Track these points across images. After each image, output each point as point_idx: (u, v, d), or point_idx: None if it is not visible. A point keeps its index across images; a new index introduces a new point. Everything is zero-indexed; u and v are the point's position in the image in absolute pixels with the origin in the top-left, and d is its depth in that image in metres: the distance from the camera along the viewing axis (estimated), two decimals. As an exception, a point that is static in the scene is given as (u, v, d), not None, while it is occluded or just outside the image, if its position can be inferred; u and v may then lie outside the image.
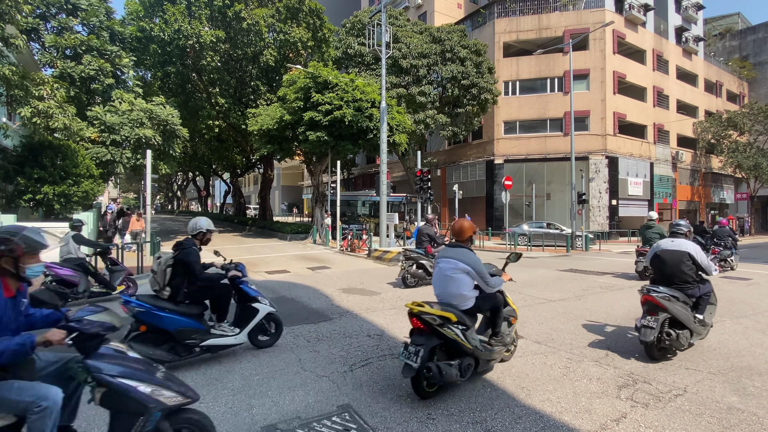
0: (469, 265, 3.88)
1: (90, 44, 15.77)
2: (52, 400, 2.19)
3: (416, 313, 3.65)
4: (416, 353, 3.46)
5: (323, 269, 12.03)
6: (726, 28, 43.99)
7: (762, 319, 6.48)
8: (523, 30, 28.13)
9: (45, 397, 2.18)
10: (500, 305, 4.13)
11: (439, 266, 4.04)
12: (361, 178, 41.82)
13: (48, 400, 2.18)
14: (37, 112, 11.37)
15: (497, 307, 4.09)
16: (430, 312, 3.62)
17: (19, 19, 11.10)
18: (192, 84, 24.38)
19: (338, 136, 19.09)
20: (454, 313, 3.69)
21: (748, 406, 3.54)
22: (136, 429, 2.29)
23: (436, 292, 4.06)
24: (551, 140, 27.08)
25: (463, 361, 3.67)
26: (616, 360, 4.61)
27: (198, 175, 56.36)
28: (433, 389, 3.66)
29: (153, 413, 2.31)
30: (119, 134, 15.49)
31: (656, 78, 30.33)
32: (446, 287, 3.94)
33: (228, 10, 20.80)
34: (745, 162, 31.01)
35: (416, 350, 3.48)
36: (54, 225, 11.62)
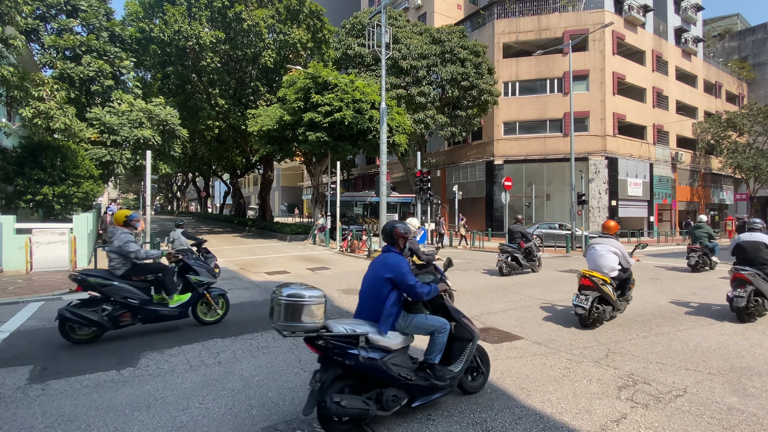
0: (617, 249, 6.15)
1: (89, 45, 15.78)
2: (448, 325, 3.53)
3: (588, 276, 5.93)
4: (586, 301, 5.72)
5: (323, 270, 12.02)
6: (725, 29, 44.05)
7: (762, 319, 6.48)
8: (522, 31, 28.16)
9: (445, 324, 3.50)
10: (631, 275, 6.39)
11: (595, 248, 6.28)
12: (361, 178, 41.83)
13: (447, 325, 3.50)
14: (38, 112, 11.37)
15: (629, 278, 6.34)
16: (596, 275, 5.91)
17: (18, 20, 11.11)
18: (192, 85, 24.39)
19: (338, 136, 19.10)
20: (610, 278, 5.98)
21: (748, 406, 3.54)
22: (468, 351, 3.58)
23: (590, 266, 6.23)
24: (551, 141, 27.09)
25: (612, 306, 6.05)
26: (616, 361, 4.61)
27: (198, 176, 56.36)
28: (592, 324, 5.84)
29: (476, 341, 3.66)
30: (119, 135, 15.50)
31: (656, 79, 30.37)
32: (599, 262, 6.13)
33: (228, 11, 20.83)
34: (745, 163, 31.04)
35: (586, 298, 5.74)
36: (55, 226, 11.62)
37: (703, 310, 7.05)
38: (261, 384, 3.98)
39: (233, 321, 6.30)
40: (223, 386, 3.94)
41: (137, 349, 5.01)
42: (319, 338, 3.02)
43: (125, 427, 3.19)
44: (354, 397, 2.96)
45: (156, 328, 5.98)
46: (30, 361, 4.59)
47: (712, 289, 9.13)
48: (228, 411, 3.45)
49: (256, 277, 10.68)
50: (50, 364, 4.50)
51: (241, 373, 4.24)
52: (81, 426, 3.20)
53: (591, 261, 6.27)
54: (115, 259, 5.38)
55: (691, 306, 7.41)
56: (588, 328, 5.79)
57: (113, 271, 5.36)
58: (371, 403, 2.95)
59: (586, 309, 5.68)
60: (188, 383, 4.00)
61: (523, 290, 8.83)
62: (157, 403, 3.59)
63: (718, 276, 11.04)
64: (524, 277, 10.75)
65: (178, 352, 4.90)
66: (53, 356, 4.77)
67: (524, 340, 5.36)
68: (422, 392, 3.24)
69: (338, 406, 2.82)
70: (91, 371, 4.30)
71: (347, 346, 3.02)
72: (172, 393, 3.79)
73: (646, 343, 5.23)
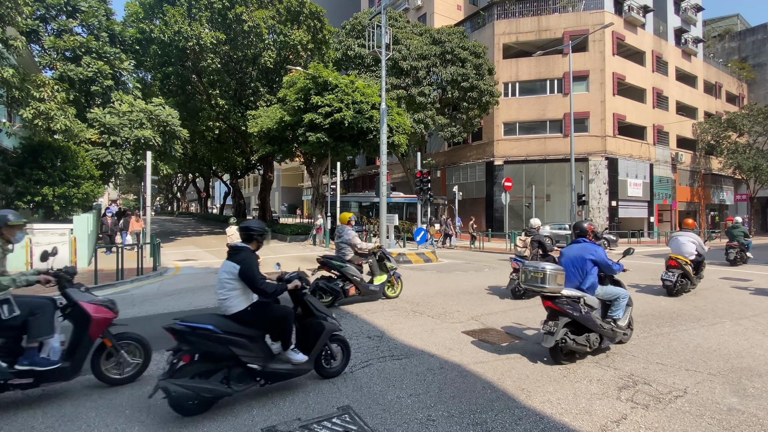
0: (695, 240, 8.61)
1: (89, 46, 15.79)
2: (628, 293, 5.02)
3: (674, 258, 8.31)
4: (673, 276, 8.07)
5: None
6: (725, 30, 44.06)
7: (762, 320, 6.48)
8: (522, 31, 28.18)
9: (626, 292, 5.00)
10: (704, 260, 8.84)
11: (678, 239, 8.72)
12: (361, 179, 41.84)
13: (627, 293, 5.02)
14: (38, 113, 11.38)
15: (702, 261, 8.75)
16: (680, 258, 8.29)
17: (19, 20, 11.12)
18: (192, 85, 24.41)
19: (338, 137, 19.11)
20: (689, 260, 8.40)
21: (749, 407, 3.54)
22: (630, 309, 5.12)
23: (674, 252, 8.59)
24: (551, 141, 27.10)
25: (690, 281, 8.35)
26: (616, 361, 4.61)
27: (198, 177, 56.40)
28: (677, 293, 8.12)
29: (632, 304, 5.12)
30: (119, 135, 15.50)
31: (656, 79, 30.38)
32: (681, 249, 8.52)
33: (228, 12, 20.85)
34: (745, 163, 31.04)
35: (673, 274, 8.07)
36: (55, 226, 11.63)
37: (702, 309, 7.05)
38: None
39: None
40: (224, 387, 3.92)
41: (137, 349, 5.01)
42: (558, 297, 4.48)
43: (126, 427, 3.19)
44: (575, 337, 4.45)
45: (156, 328, 5.98)
46: (30, 362, 4.58)
47: (712, 289, 9.13)
48: (228, 411, 3.45)
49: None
50: (50, 365, 4.49)
51: (241, 374, 4.23)
52: (81, 426, 3.21)
53: (675, 248, 8.71)
54: (344, 248, 7.56)
55: (692, 306, 7.42)
56: (673, 296, 8.07)
57: (343, 258, 7.48)
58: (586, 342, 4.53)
59: (673, 282, 8.09)
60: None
61: (523, 291, 8.82)
62: (158, 403, 3.59)
63: (718, 276, 11.05)
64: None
65: (178, 352, 4.89)
66: (53, 357, 4.76)
67: (524, 341, 5.36)
68: (605, 336, 4.77)
69: (563, 343, 4.40)
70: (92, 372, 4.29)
71: (575, 304, 4.51)
72: (172, 393, 3.78)
73: (646, 344, 5.23)
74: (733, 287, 9.37)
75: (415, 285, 9.53)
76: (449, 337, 5.47)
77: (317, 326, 3.95)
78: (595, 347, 4.61)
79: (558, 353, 4.46)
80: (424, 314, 6.76)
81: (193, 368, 3.38)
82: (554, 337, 4.31)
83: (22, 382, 3.48)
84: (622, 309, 4.93)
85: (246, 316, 3.64)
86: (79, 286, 4.02)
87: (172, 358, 3.33)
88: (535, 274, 4.51)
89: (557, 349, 4.43)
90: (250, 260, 3.68)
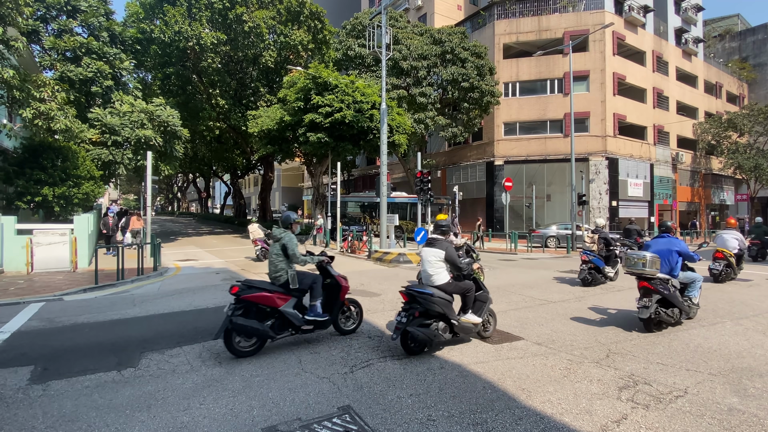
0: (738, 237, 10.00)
1: (89, 47, 15.80)
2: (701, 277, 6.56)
3: (721, 251, 9.75)
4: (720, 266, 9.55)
5: (323, 271, 12.00)
6: (725, 30, 44.03)
7: (762, 320, 6.48)
8: (522, 31, 28.17)
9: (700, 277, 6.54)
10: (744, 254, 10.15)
11: (723, 236, 10.16)
12: (362, 179, 41.83)
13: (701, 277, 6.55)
14: (39, 113, 11.39)
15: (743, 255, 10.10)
16: (726, 251, 9.75)
17: (19, 21, 11.13)
18: (192, 85, 24.43)
19: (338, 137, 19.10)
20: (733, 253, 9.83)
21: (749, 407, 3.54)
22: None
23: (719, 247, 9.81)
24: (551, 141, 27.09)
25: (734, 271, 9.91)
26: (616, 361, 4.61)
27: (198, 177, 56.42)
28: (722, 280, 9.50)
29: None
30: (120, 135, 15.51)
31: (656, 79, 30.36)
32: (727, 245, 9.87)
33: (229, 12, 20.86)
34: (745, 163, 31.01)
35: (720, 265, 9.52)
36: (56, 227, 11.63)
37: (702, 309, 7.05)
38: (261, 384, 3.98)
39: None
40: (224, 386, 3.94)
41: (138, 349, 5.02)
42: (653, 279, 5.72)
43: (126, 427, 3.20)
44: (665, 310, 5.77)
45: (155, 328, 5.99)
46: (31, 362, 4.59)
47: (712, 289, 9.12)
48: (228, 411, 3.45)
49: (256, 278, 10.67)
50: (51, 365, 4.50)
51: (241, 374, 4.24)
52: (82, 426, 3.21)
53: (720, 243, 10.19)
54: None
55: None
56: (719, 283, 9.16)
57: None
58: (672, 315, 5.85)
59: (719, 270, 9.59)
60: (189, 384, 4.01)
61: (523, 291, 8.83)
62: (158, 403, 3.59)
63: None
64: (525, 278, 10.75)
65: (178, 352, 4.91)
66: (54, 357, 4.77)
67: (525, 341, 5.36)
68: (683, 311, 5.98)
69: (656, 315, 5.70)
70: (92, 372, 4.30)
71: (665, 284, 5.77)
72: (172, 393, 3.79)
73: (647, 344, 5.23)
74: (733, 288, 9.37)
75: (416, 285, 9.52)
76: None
77: None
78: (676, 320, 5.84)
79: (650, 323, 5.68)
80: (425, 314, 6.75)
81: (416, 321, 4.73)
82: (649, 311, 5.57)
83: (307, 328, 5.07)
84: (696, 290, 6.42)
85: (447, 286, 4.99)
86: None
87: (406, 314, 4.76)
88: (637, 260, 5.74)
89: (650, 320, 5.65)
90: (451, 247, 5.08)
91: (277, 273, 5.07)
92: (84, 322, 6.40)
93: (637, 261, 5.75)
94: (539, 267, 13.18)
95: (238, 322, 4.56)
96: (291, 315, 4.90)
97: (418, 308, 4.78)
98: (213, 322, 6.33)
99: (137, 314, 6.89)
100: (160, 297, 8.36)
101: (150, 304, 7.71)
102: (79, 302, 7.85)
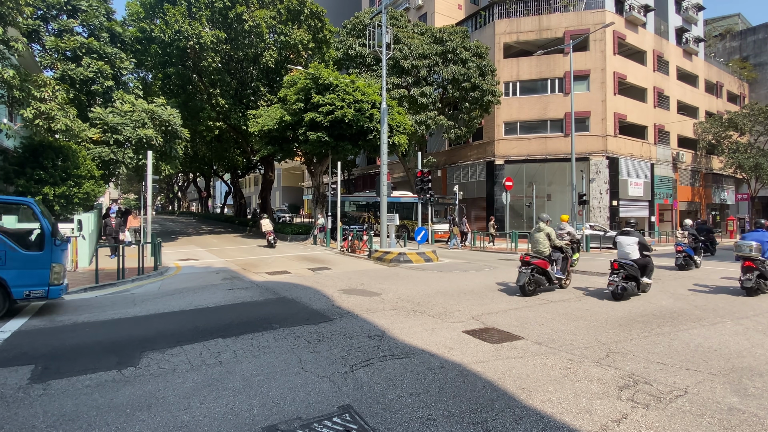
0: None
1: (90, 46, 15.80)
2: None
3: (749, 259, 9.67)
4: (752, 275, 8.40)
5: (324, 270, 12.03)
6: (726, 29, 43.97)
7: (763, 320, 6.48)
8: (523, 31, 28.14)
9: None
10: None
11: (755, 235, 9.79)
12: (362, 178, 41.83)
13: None
14: (39, 113, 11.39)
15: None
16: None
17: (20, 21, 11.12)
18: (192, 85, 24.43)
19: (339, 136, 19.10)
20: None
21: (749, 406, 3.54)
22: None
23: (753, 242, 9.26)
24: (552, 141, 27.07)
25: None
26: (617, 361, 4.61)
27: (199, 176, 56.42)
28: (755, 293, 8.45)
29: None
30: (121, 134, 15.52)
31: (657, 79, 30.33)
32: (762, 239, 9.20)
33: (229, 11, 20.85)
34: (746, 163, 30.99)
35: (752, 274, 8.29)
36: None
37: (702, 309, 7.05)
38: (262, 384, 3.99)
39: (234, 321, 6.32)
40: (224, 386, 3.94)
41: (138, 348, 5.03)
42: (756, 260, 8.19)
43: (126, 426, 3.20)
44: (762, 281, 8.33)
45: (156, 327, 6.00)
46: (31, 361, 4.60)
47: (713, 289, 9.12)
48: (229, 411, 3.45)
49: (256, 277, 10.70)
50: (51, 364, 4.51)
51: (242, 373, 4.25)
52: (82, 426, 3.21)
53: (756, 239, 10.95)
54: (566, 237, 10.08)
55: (691, 305, 7.41)
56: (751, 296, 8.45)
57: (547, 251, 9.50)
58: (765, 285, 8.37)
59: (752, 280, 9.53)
60: (189, 383, 4.01)
61: (523, 290, 8.82)
62: (158, 402, 3.60)
63: (719, 276, 11.04)
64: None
65: (179, 351, 4.91)
66: (54, 356, 4.78)
67: (525, 340, 5.36)
68: None
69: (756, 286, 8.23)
70: (93, 371, 4.31)
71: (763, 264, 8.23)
72: (173, 393, 3.79)
73: (647, 343, 5.23)
74: (733, 287, 9.36)
75: (416, 284, 9.54)
76: (450, 337, 5.48)
77: None
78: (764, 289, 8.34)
79: (752, 291, 8.18)
80: (425, 314, 6.76)
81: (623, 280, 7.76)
82: (751, 282, 8.13)
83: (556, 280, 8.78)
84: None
85: (638, 260, 7.97)
86: None
87: (617, 276, 7.72)
88: (746, 247, 8.28)
89: (751, 288, 8.17)
90: (642, 236, 8.12)
91: (543, 249, 8.44)
92: (84, 321, 6.41)
93: (746, 248, 8.28)
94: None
95: (536, 274, 8.21)
96: (553, 273, 8.53)
97: (623, 272, 7.73)
98: (214, 321, 6.34)
99: (138, 313, 6.89)
100: (160, 296, 8.37)
101: (150, 303, 7.72)
102: (79, 301, 7.86)
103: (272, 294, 8.44)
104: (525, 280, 8.06)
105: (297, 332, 5.68)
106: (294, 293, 8.50)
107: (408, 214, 23.88)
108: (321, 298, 8.03)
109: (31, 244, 6.75)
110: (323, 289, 8.95)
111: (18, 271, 6.29)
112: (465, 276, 10.98)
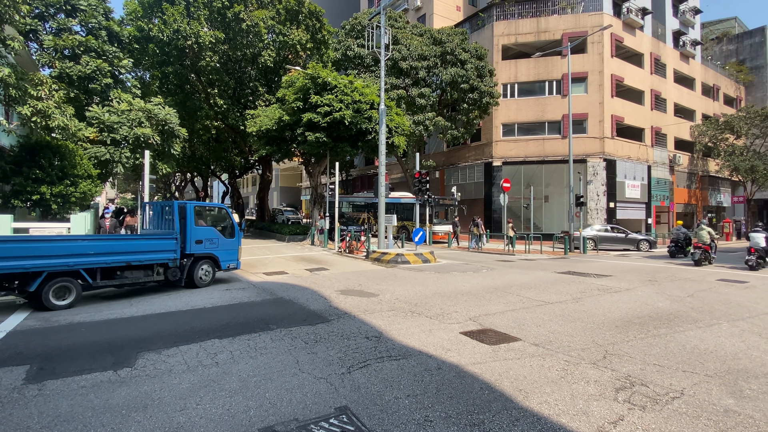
0: None
1: (88, 45, 15.75)
2: None
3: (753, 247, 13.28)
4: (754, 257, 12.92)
5: (321, 271, 12.02)
6: (723, 32, 44.20)
7: (759, 321, 6.51)
8: (521, 33, 28.21)
9: None
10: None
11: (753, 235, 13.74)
12: (360, 179, 41.81)
13: None
14: (36, 111, 11.33)
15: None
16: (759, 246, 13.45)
17: (17, 19, 11.06)
18: (190, 84, 24.36)
19: (337, 137, 19.09)
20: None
21: (745, 408, 3.55)
22: None
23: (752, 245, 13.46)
24: (549, 143, 27.14)
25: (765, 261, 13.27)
26: (613, 362, 4.62)
27: (196, 176, 56.22)
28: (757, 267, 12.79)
29: None
30: (118, 133, 15.46)
31: (654, 81, 30.46)
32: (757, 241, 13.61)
33: (227, 11, 20.81)
34: (742, 165, 31.15)
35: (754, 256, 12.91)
36: (52, 225, 11.58)
37: (699, 311, 7.07)
38: (258, 385, 3.98)
39: (231, 321, 6.30)
40: (221, 387, 3.93)
41: (134, 349, 5.00)
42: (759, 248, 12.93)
43: (122, 427, 3.18)
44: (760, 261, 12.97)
45: (152, 327, 5.98)
46: (27, 361, 4.57)
47: (709, 291, 9.16)
48: (225, 412, 3.44)
49: (254, 278, 10.67)
50: (47, 365, 4.48)
51: (238, 374, 4.23)
52: (78, 426, 3.20)
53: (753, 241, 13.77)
54: None
55: (689, 307, 7.44)
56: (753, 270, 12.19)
57: None
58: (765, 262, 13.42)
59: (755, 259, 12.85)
60: (185, 384, 3.99)
61: (521, 292, 8.84)
62: (154, 403, 3.58)
63: (715, 278, 11.08)
64: (522, 279, 10.77)
65: (175, 352, 4.89)
66: (50, 356, 4.75)
67: (522, 342, 5.37)
68: None
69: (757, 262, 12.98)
70: (88, 371, 4.28)
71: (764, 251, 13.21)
72: (169, 393, 3.78)
73: (644, 345, 5.24)
74: (729, 289, 9.40)
75: (414, 285, 9.54)
76: (447, 338, 5.47)
77: None
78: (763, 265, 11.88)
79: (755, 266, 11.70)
80: (422, 315, 6.76)
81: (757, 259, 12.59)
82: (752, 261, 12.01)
83: None
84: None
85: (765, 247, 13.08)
86: None
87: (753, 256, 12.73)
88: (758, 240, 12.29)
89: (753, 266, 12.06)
90: None
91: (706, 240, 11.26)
92: (80, 321, 6.37)
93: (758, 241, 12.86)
94: (537, 268, 13.20)
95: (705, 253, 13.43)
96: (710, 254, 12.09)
97: (756, 255, 11.97)
98: (210, 321, 6.32)
99: (134, 314, 6.86)
100: (156, 296, 8.34)
101: (146, 303, 7.69)
102: (75, 301, 7.81)
103: (269, 294, 8.42)
104: (699, 256, 13.77)
105: (294, 333, 5.67)
106: (291, 294, 8.48)
107: (407, 216, 23.89)
108: (318, 298, 8.02)
109: (227, 234, 9.99)
110: (321, 289, 8.93)
111: (224, 251, 9.77)
112: (462, 277, 10.99)
